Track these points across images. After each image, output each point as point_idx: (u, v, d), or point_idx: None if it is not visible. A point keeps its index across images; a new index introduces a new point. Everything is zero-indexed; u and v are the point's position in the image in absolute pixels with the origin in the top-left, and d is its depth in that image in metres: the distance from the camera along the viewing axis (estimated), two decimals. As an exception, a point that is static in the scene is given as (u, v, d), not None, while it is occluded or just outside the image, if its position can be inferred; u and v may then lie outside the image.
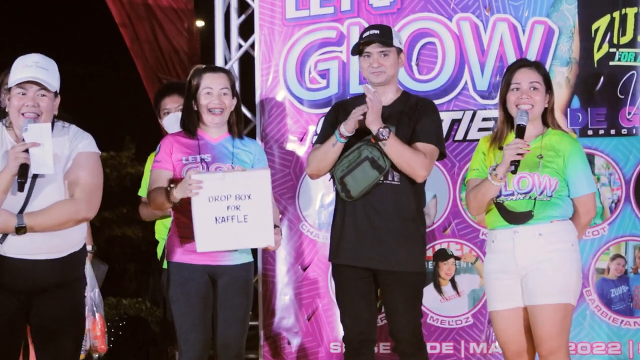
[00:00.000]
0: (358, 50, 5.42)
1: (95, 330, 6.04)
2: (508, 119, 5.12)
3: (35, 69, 4.75)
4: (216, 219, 4.99)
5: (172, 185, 5.08)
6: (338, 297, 5.44)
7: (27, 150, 4.63)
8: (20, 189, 4.61)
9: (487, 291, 5.12)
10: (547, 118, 5.12)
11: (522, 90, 5.05)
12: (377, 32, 5.40)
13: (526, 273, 4.95)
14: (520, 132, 4.95)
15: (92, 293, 6.37)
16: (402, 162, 5.24)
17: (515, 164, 4.89)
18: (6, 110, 4.83)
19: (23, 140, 4.65)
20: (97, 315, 6.50)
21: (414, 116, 5.35)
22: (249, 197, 4.98)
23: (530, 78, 5.06)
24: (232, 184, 4.99)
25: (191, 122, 5.27)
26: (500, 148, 5.06)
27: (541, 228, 4.96)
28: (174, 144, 5.25)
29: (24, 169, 4.61)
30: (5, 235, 4.67)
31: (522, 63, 5.17)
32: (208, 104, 5.24)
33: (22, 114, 4.72)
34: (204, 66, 5.37)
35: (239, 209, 4.99)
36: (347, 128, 5.24)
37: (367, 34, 5.43)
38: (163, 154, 5.23)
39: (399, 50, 5.41)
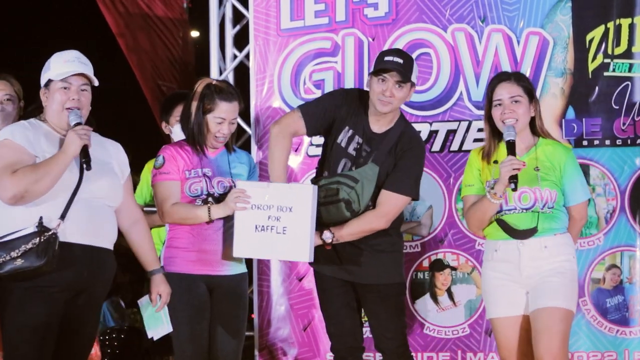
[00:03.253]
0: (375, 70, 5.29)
1: None
2: (495, 133, 5.15)
3: (78, 64, 4.85)
4: (256, 227, 5.05)
5: (210, 201, 5.16)
6: (322, 307, 5.46)
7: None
8: (88, 167, 4.68)
9: (487, 298, 5.13)
10: (535, 127, 5.13)
11: (504, 105, 5.06)
12: (400, 61, 5.24)
13: (531, 284, 5.00)
14: (511, 147, 4.97)
15: None
16: (361, 235, 5.25)
17: (515, 182, 4.90)
18: (43, 105, 4.86)
19: (74, 125, 4.74)
20: None
21: (397, 157, 5.28)
22: (290, 209, 5.04)
23: (511, 92, 5.07)
24: (276, 195, 5.06)
25: (202, 140, 5.28)
26: (495, 162, 5.08)
27: (546, 241, 5.01)
28: (176, 156, 5.26)
29: (85, 149, 4.68)
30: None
31: (501, 77, 5.17)
32: (217, 132, 5.26)
33: (66, 108, 4.78)
34: (215, 84, 5.31)
35: (279, 220, 5.04)
36: None
37: (390, 58, 5.26)
38: (171, 165, 5.23)
39: (412, 85, 5.31)
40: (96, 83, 4.88)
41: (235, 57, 7.25)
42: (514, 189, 4.92)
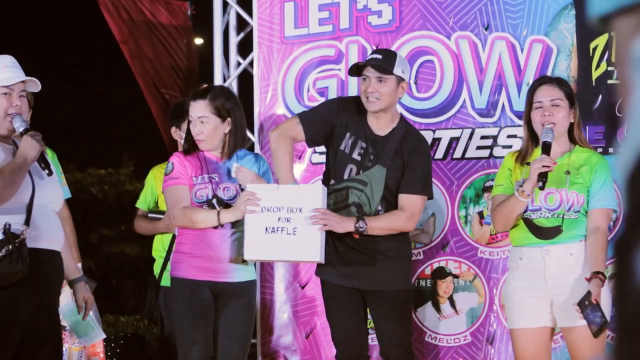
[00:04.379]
0: (356, 70, 5.37)
1: (95, 346, 6.05)
2: (533, 136, 5.12)
3: (17, 69, 4.82)
4: (266, 229, 5.05)
5: (215, 203, 5.16)
6: (328, 315, 5.46)
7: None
8: (50, 172, 4.70)
9: (510, 308, 5.09)
10: (573, 134, 5.11)
11: (544, 107, 5.04)
12: (379, 56, 5.31)
13: (557, 293, 4.94)
14: (547, 149, 4.94)
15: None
16: (388, 232, 5.27)
17: (543, 180, 4.86)
18: None
19: (21, 132, 4.69)
20: None
21: (404, 158, 5.31)
22: (300, 210, 5.04)
23: (552, 95, 5.05)
24: (285, 196, 5.07)
25: (191, 147, 5.32)
26: (527, 164, 5.03)
27: (572, 247, 4.95)
28: (184, 162, 5.28)
29: (42, 155, 4.69)
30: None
31: (542, 80, 5.17)
32: (193, 132, 5.31)
33: (8, 115, 4.74)
34: (197, 89, 5.42)
35: (289, 221, 5.04)
36: None
37: (369, 56, 5.37)
38: (180, 170, 5.26)
39: (400, 79, 5.32)
40: (38, 89, 4.85)
41: (239, 64, 7.26)
42: (542, 188, 4.88)
